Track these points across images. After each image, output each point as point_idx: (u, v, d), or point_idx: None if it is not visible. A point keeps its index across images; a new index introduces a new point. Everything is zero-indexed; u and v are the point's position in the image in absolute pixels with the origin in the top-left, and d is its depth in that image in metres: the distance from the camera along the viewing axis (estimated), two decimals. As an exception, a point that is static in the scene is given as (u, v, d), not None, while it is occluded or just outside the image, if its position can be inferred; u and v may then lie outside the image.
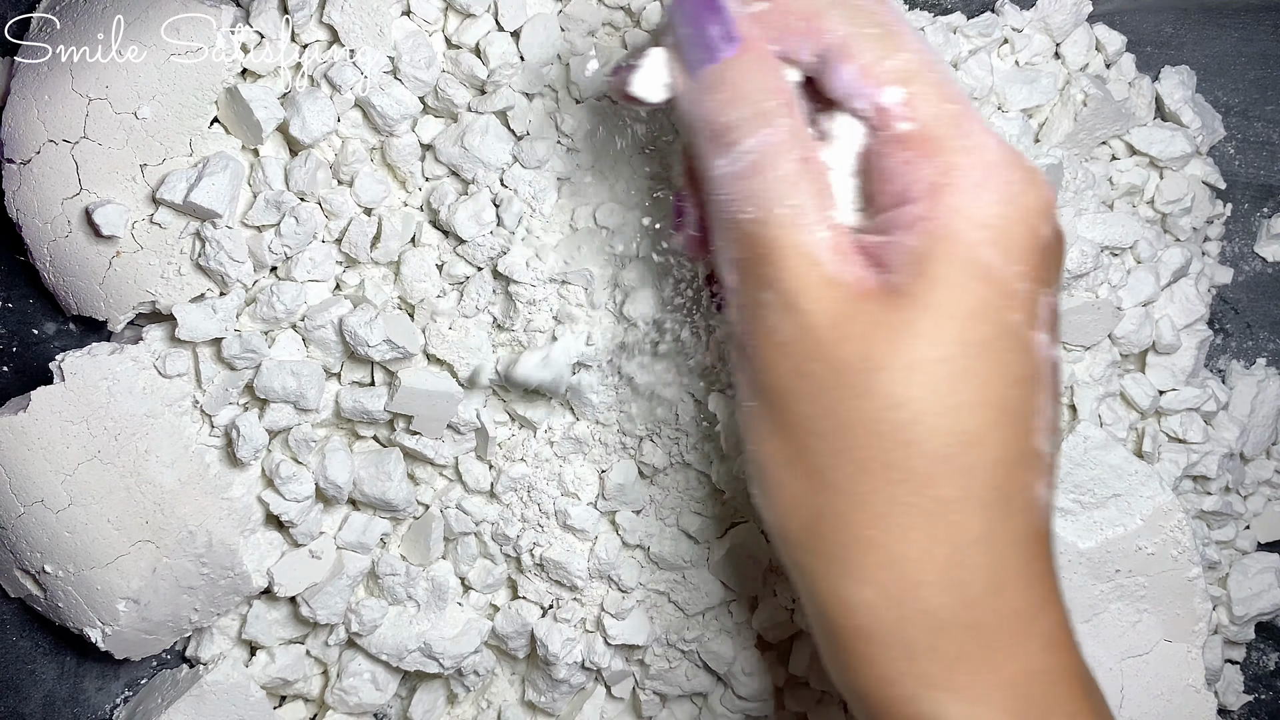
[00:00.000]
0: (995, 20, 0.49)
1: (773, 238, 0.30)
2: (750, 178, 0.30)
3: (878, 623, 0.30)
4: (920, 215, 0.30)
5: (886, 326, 0.29)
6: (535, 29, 0.45)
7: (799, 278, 0.29)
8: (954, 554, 0.29)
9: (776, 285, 0.30)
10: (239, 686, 0.48)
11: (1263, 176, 0.57)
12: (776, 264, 0.30)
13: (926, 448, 0.29)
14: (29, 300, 0.48)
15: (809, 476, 0.30)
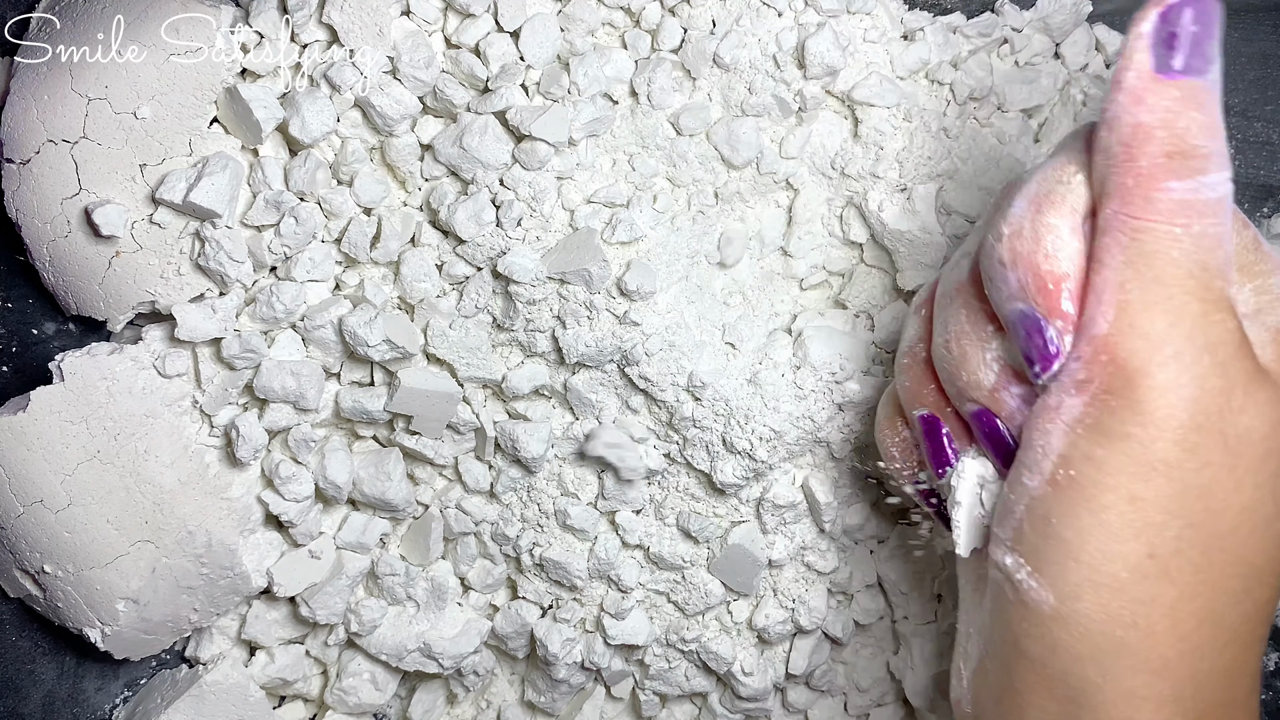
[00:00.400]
0: (995, 20, 0.49)
1: (1212, 285, 0.27)
2: (1209, 215, 0.27)
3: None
4: (1261, 308, 0.29)
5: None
6: (535, 29, 0.45)
7: (1228, 334, 0.27)
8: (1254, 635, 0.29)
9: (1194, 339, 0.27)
10: (238, 686, 0.48)
11: (1262, 176, 0.57)
12: (1209, 314, 0.27)
13: (1274, 551, 0.29)
14: (28, 300, 0.48)
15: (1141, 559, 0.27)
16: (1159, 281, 0.27)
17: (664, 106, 0.46)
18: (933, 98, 0.48)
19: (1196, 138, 0.27)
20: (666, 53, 0.46)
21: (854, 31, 0.47)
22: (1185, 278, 0.27)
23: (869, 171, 0.47)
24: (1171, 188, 0.27)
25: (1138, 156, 0.27)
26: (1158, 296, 0.27)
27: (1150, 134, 0.27)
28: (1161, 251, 0.27)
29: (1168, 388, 0.27)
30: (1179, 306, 0.27)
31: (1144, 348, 0.27)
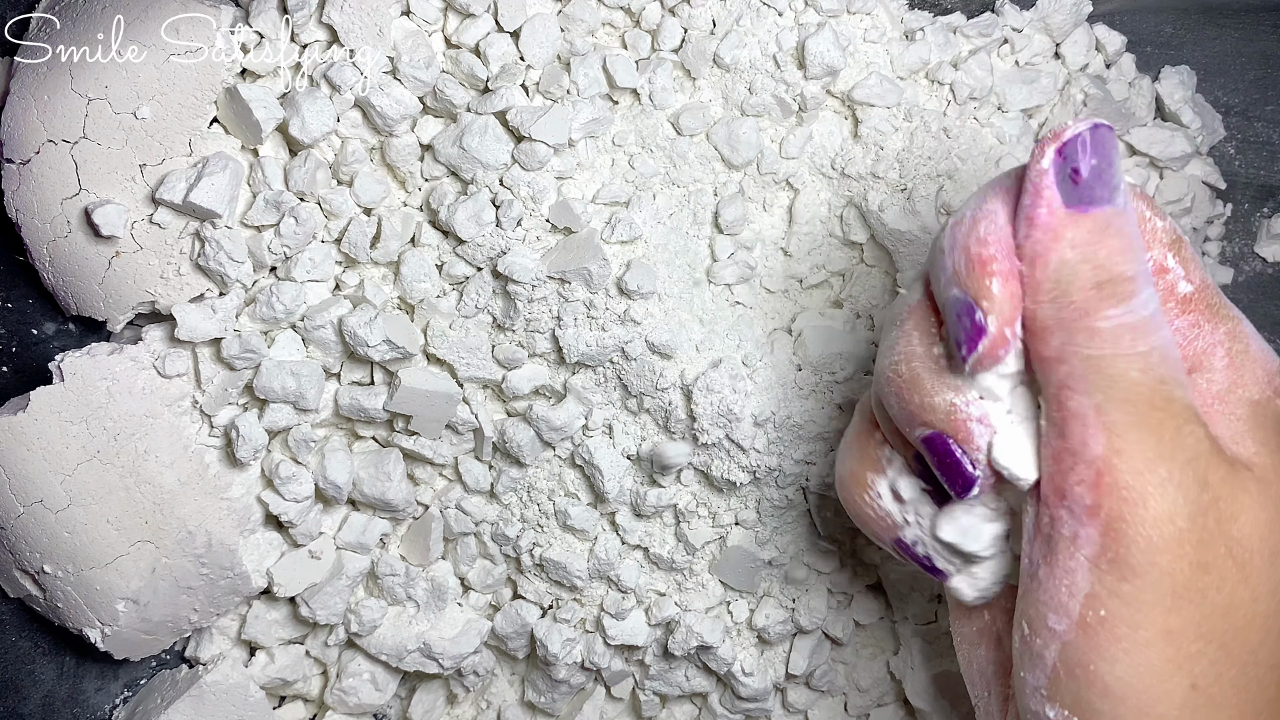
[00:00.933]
0: (995, 20, 0.49)
1: (1173, 397, 0.27)
2: (1152, 332, 0.27)
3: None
4: (1232, 383, 0.29)
5: (1274, 506, 0.28)
6: (535, 29, 0.45)
7: (1201, 445, 0.27)
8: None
9: (1175, 457, 0.27)
10: (238, 687, 0.48)
11: (1263, 177, 0.57)
12: (1181, 428, 0.27)
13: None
14: (28, 300, 0.48)
15: (1186, 693, 0.27)
16: (1131, 403, 0.27)
17: (664, 106, 0.46)
18: (933, 98, 0.48)
19: (1120, 265, 0.28)
20: (667, 53, 0.46)
21: (854, 31, 0.47)
22: (1151, 395, 0.27)
23: (869, 171, 0.47)
24: (1109, 315, 0.27)
25: (1070, 292, 0.28)
26: (1134, 417, 0.27)
27: (1076, 269, 0.27)
28: (1122, 374, 0.27)
29: (1171, 511, 0.27)
30: (1156, 425, 0.27)
31: (1139, 469, 0.27)
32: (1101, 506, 0.27)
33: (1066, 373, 0.28)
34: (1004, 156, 0.48)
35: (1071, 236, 0.28)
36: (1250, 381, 0.30)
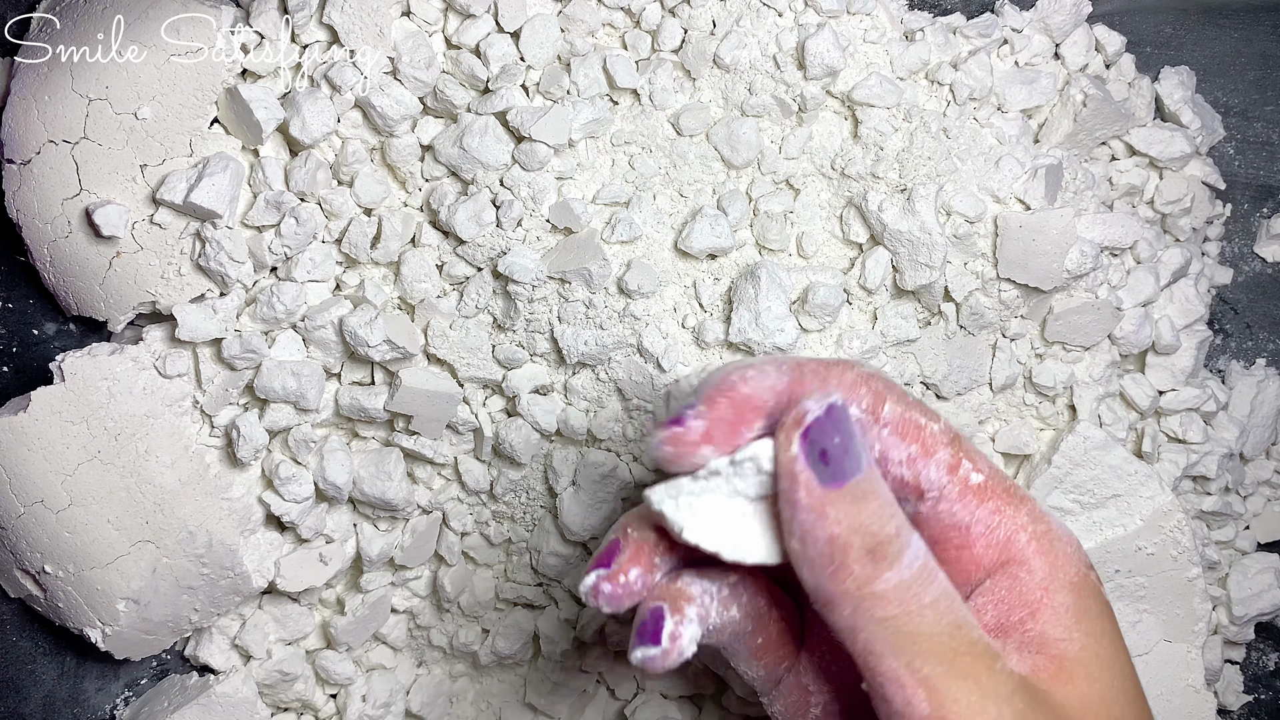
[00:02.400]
0: (995, 21, 0.49)
1: (973, 637, 0.28)
2: (930, 581, 0.28)
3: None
4: (1051, 567, 0.30)
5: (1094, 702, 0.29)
6: (535, 29, 0.45)
7: (1011, 676, 0.29)
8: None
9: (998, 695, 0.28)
10: (246, 702, 0.48)
11: (1262, 177, 0.57)
12: (989, 669, 0.28)
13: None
14: (29, 300, 0.48)
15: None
16: (937, 654, 0.28)
17: (664, 107, 0.46)
18: (932, 98, 0.48)
19: (884, 525, 0.29)
20: (667, 53, 0.47)
21: (854, 32, 0.47)
22: (953, 642, 0.28)
23: (869, 172, 0.47)
24: (887, 578, 0.28)
25: (848, 564, 0.28)
26: (946, 666, 0.28)
27: (847, 542, 0.28)
28: (918, 629, 0.28)
29: (1008, 695, 0.28)
30: (969, 669, 0.28)
31: (971, 694, 0.28)
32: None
33: (866, 639, 0.29)
34: (1003, 156, 0.48)
35: (834, 513, 0.29)
36: (1064, 561, 0.31)
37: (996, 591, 0.31)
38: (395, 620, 0.51)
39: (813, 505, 0.29)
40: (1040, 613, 0.30)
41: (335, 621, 0.49)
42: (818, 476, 0.29)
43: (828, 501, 0.29)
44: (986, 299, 0.48)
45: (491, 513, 0.49)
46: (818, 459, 0.29)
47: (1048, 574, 0.31)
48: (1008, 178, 0.47)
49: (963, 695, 0.28)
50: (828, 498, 0.29)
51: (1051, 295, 0.49)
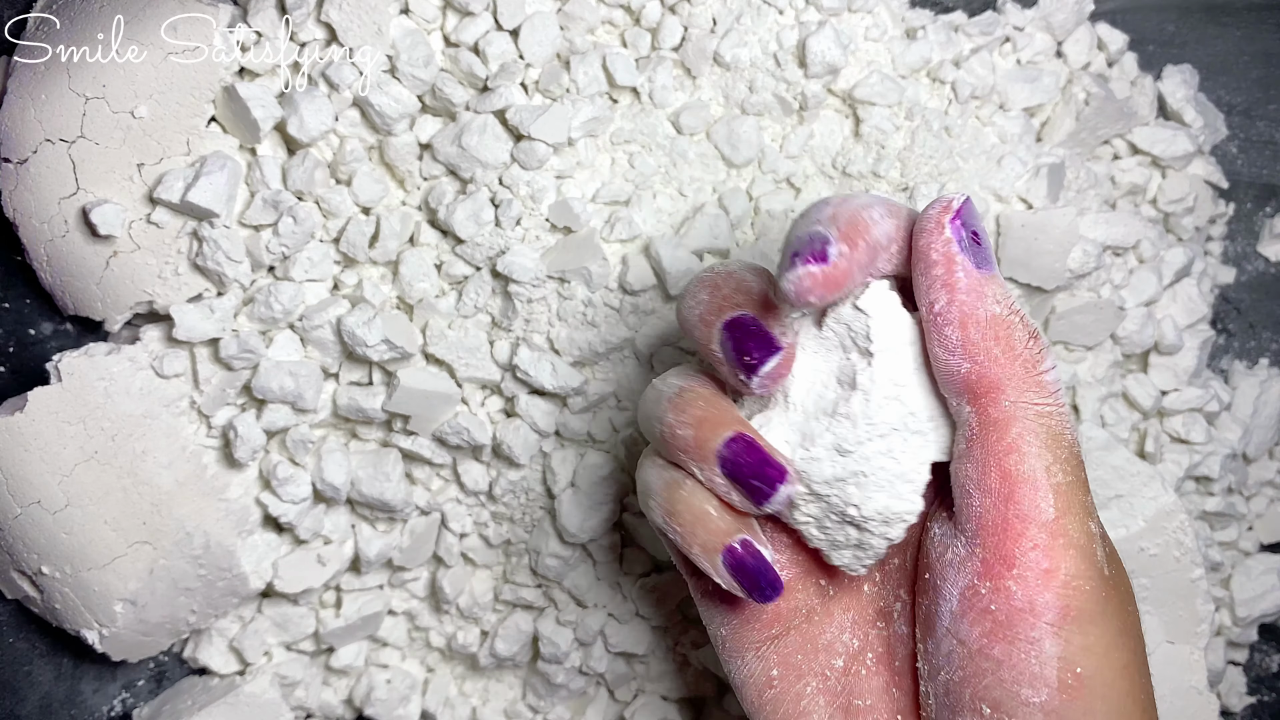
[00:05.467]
0: (997, 19, 0.49)
1: (1077, 451, 0.29)
2: (1063, 387, 0.29)
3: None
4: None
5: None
6: (534, 27, 0.45)
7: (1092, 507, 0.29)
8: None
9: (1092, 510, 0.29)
10: (273, 704, 0.48)
11: (1265, 176, 0.57)
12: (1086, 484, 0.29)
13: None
14: (26, 300, 0.48)
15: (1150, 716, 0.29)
16: (1070, 460, 0.28)
17: (664, 105, 0.46)
18: (934, 96, 0.48)
19: (1029, 317, 0.29)
20: (667, 51, 0.46)
21: (855, 30, 0.47)
22: (1075, 452, 0.29)
23: (870, 170, 0.46)
24: (1049, 367, 0.28)
25: (1013, 345, 0.28)
26: (1073, 475, 0.28)
27: (1009, 323, 0.28)
28: (1061, 431, 0.28)
29: (1103, 563, 0.28)
30: (1084, 481, 0.29)
31: (1082, 529, 0.28)
32: (1058, 569, 0.28)
33: (1018, 433, 0.28)
34: (1006, 155, 0.47)
35: (993, 293, 0.28)
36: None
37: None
38: (394, 621, 0.51)
39: (973, 287, 0.28)
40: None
41: (326, 622, 0.49)
42: (973, 259, 0.28)
43: (987, 284, 0.28)
44: (988, 298, 0.47)
45: (490, 514, 0.49)
46: (970, 241, 0.28)
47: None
48: (1010, 176, 0.47)
49: (1079, 504, 0.28)
50: (985, 281, 0.28)
51: (1054, 295, 0.49)
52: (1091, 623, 0.28)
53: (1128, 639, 0.29)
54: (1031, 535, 0.28)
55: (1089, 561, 0.28)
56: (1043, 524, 0.28)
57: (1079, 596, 0.28)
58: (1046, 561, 0.28)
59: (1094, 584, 0.28)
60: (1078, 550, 0.28)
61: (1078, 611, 0.28)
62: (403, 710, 0.51)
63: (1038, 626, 0.28)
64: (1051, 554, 0.28)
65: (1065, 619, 0.28)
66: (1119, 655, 0.28)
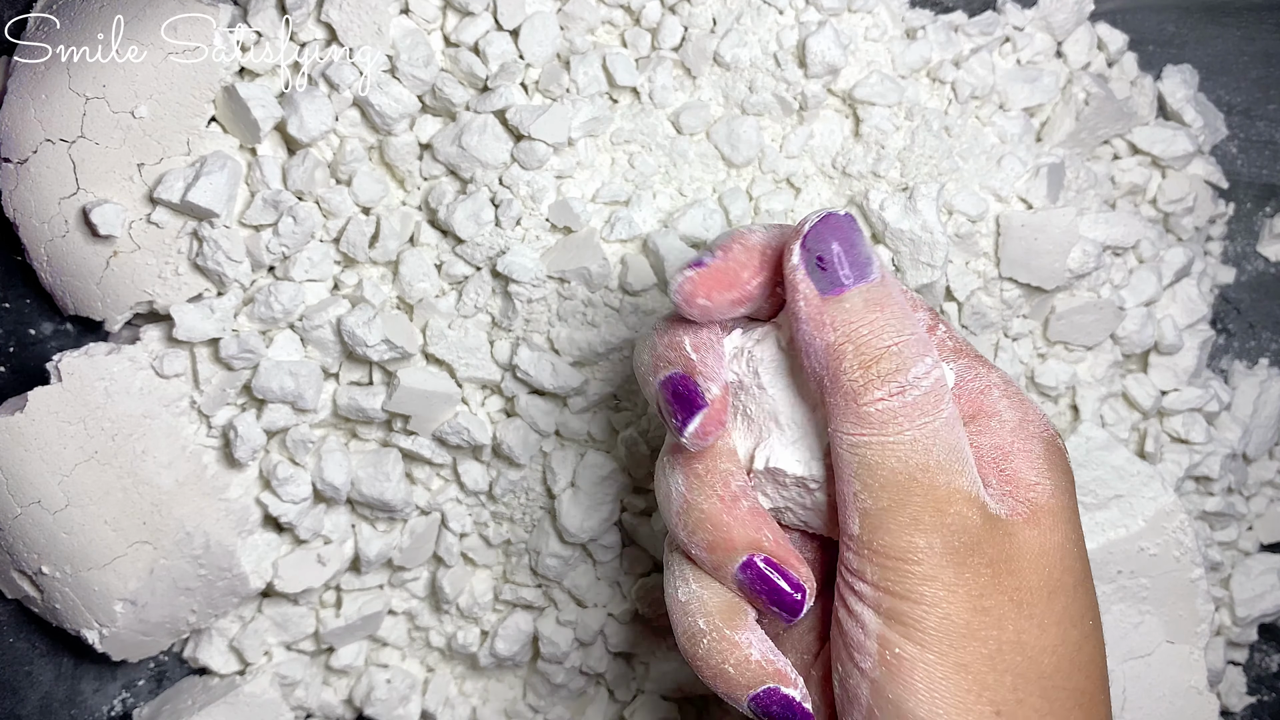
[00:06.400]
0: (997, 19, 0.49)
1: (936, 482, 0.29)
2: (919, 415, 0.28)
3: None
4: (1022, 418, 0.31)
5: (1053, 550, 0.29)
6: (534, 27, 0.45)
7: (967, 521, 0.29)
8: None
9: (937, 530, 0.28)
10: (273, 704, 0.48)
11: (1265, 176, 0.57)
12: (942, 510, 0.28)
13: (1095, 664, 0.30)
14: (26, 300, 0.48)
15: (990, 718, 0.29)
16: (885, 489, 0.29)
17: (664, 105, 0.46)
18: (934, 96, 0.48)
19: (882, 337, 0.28)
20: (667, 51, 0.46)
21: (855, 30, 0.47)
22: (908, 481, 0.28)
23: (870, 170, 0.46)
24: (876, 398, 0.28)
25: (837, 376, 0.29)
26: (888, 502, 0.29)
27: (840, 351, 0.28)
28: (881, 461, 0.28)
29: (931, 576, 0.28)
30: (911, 509, 0.28)
31: (896, 546, 0.29)
32: (865, 572, 0.29)
33: (835, 457, 0.29)
34: (1005, 155, 0.47)
35: (829, 319, 0.29)
36: (1034, 416, 0.32)
37: (971, 440, 0.31)
38: (394, 621, 0.51)
39: (811, 315, 0.29)
40: (1014, 456, 0.31)
41: (326, 621, 0.49)
42: (816, 285, 0.29)
43: (826, 310, 0.29)
44: (988, 298, 0.47)
45: (490, 514, 0.49)
46: (815, 267, 0.29)
47: (1019, 423, 0.31)
48: (1010, 176, 0.47)
49: (896, 530, 0.28)
50: (826, 306, 0.29)
51: (1054, 295, 0.49)
52: (912, 622, 0.29)
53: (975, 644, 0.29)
54: (845, 542, 0.30)
55: (906, 575, 0.29)
56: (851, 536, 0.29)
57: (888, 598, 0.29)
58: (856, 564, 0.29)
59: (913, 592, 0.28)
60: (886, 566, 0.29)
61: (889, 607, 0.29)
62: (403, 710, 0.51)
63: (861, 605, 0.29)
64: (859, 561, 0.29)
65: (880, 608, 0.29)
66: (954, 655, 0.28)
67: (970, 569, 0.29)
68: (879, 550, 0.29)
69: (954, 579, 0.28)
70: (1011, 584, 0.29)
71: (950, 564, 0.28)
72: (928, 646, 0.28)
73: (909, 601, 0.29)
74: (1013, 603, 0.29)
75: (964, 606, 0.28)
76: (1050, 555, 0.30)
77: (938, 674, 0.28)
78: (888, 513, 0.29)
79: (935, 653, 0.28)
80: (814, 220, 0.29)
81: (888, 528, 0.29)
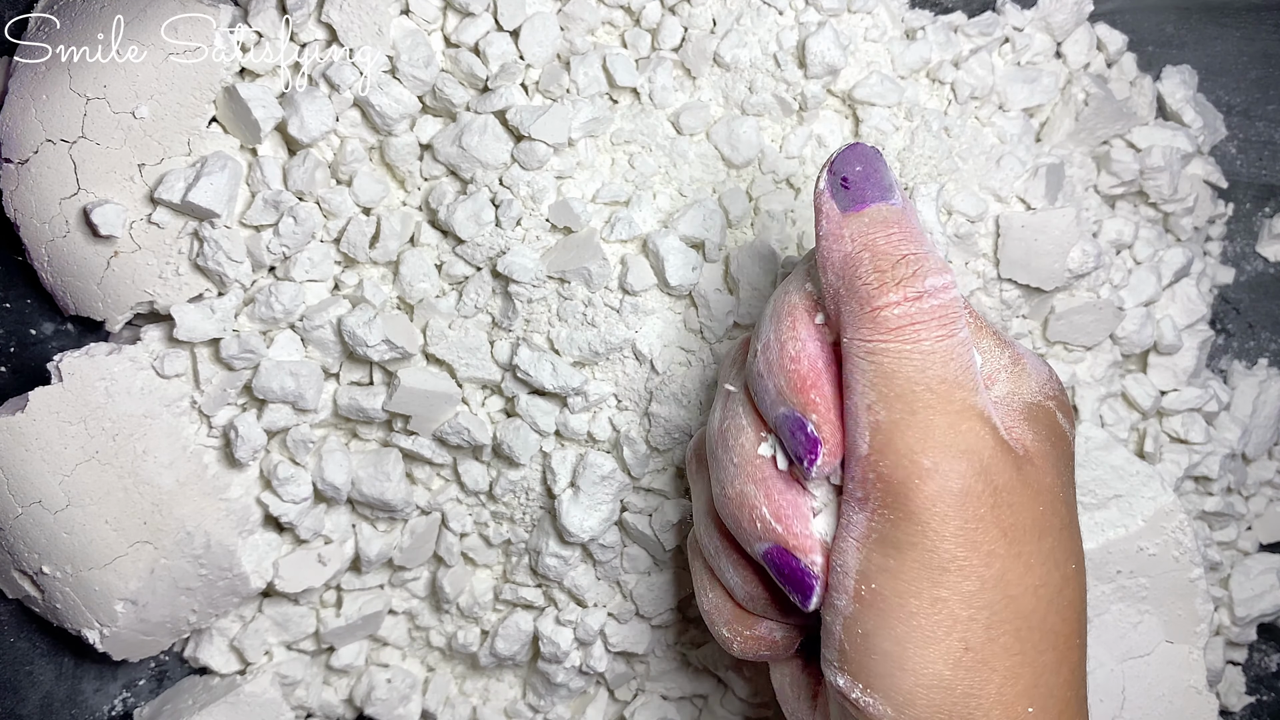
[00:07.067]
0: (996, 19, 0.49)
1: (953, 396, 0.28)
2: (937, 327, 0.28)
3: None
4: (1011, 391, 0.32)
5: (1048, 492, 0.30)
6: (534, 28, 0.45)
7: (981, 440, 0.29)
8: (1078, 696, 0.30)
9: (947, 448, 0.28)
10: (273, 703, 0.48)
11: (1264, 176, 0.57)
12: (955, 426, 0.28)
13: (1074, 608, 0.30)
14: (27, 300, 0.48)
15: (959, 654, 0.28)
16: (901, 399, 0.28)
17: (664, 105, 0.46)
18: (934, 97, 0.48)
19: (899, 247, 0.29)
20: (667, 51, 0.46)
21: (855, 30, 0.47)
22: (924, 393, 0.28)
23: (870, 171, 0.46)
24: (892, 301, 0.28)
25: (853, 282, 0.29)
26: (902, 413, 0.28)
27: (857, 259, 0.29)
28: (897, 370, 0.29)
29: (935, 497, 0.28)
30: (924, 422, 0.28)
31: (903, 464, 0.28)
32: (869, 498, 0.29)
33: (849, 370, 0.29)
34: (1005, 155, 0.47)
35: (848, 233, 0.29)
36: (1025, 390, 0.32)
37: None
38: (394, 621, 0.51)
39: (832, 231, 0.29)
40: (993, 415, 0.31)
41: (327, 621, 0.49)
42: (838, 204, 0.29)
43: (845, 223, 0.29)
44: (988, 299, 0.47)
45: (490, 514, 0.49)
46: (840, 187, 0.29)
47: (1008, 393, 0.32)
48: (1009, 177, 0.47)
49: (906, 443, 0.28)
50: (845, 220, 0.29)
51: (1053, 295, 0.49)
52: (896, 549, 0.29)
53: (956, 579, 0.28)
54: (851, 466, 0.30)
55: (905, 495, 0.28)
56: (858, 457, 0.29)
57: (884, 524, 0.29)
58: (859, 490, 0.29)
59: (909, 513, 0.28)
60: (889, 486, 0.29)
61: (880, 536, 0.29)
62: (403, 710, 0.51)
63: (846, 539, 0.30)
64: (864, 485, 0.29)
65: (867, 539, 0.29)
66: (930, 590, 0.28)
67: (973, 496, 0.28)
68: (884, 473, 0.28)
69: (950, 506, 0.28)
70: (1008, 518, 0.29)
71: (954, 489, 0.28)
72: (906, 580, 0.28)
73: (898, 529, 0.28)
74: (1005, 538, 0.29)
75: (955, 539, 0.28)
76: (1045, 494, 0.30)
77: (910, 608, 0.29)
78: (899, 425, 0.28)
79: (912, 587, 0.28)
80: (842, 148, 0.30)
81: (897, 445, 0.28)
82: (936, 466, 0.28)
